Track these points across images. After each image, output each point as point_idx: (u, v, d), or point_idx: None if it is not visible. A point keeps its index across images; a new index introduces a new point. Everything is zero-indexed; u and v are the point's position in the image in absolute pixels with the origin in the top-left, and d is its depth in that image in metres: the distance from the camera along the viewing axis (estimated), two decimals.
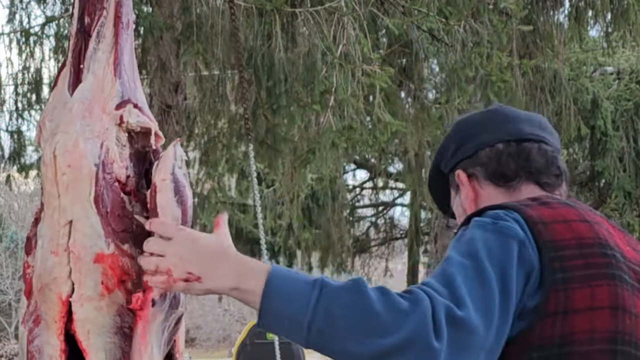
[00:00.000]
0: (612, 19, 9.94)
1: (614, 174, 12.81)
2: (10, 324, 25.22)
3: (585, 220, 1.71)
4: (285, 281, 1.56)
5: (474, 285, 1.55)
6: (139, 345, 1.68)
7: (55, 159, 1.70)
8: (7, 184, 8.75)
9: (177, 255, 1.63)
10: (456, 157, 1.91)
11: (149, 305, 1.68)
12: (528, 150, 1.85)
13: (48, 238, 1.73)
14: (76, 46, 1.80)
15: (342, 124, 6.76)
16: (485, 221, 1.65)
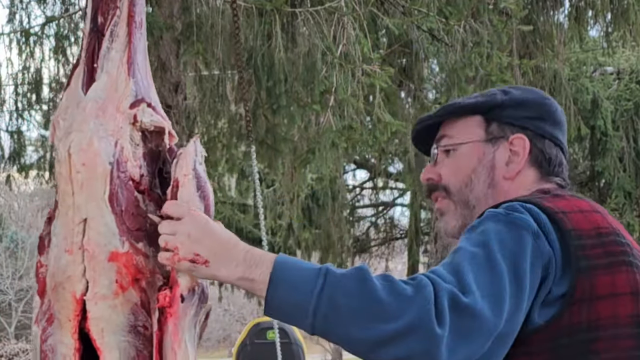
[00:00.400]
0: (612, 19, 9.94)
1: (614, 174, 12.81)
2: (10, 324, 25.22)
3: (597, 211, 1.74)
4: (291, 269, 1.58)
5: (483, 272, 1.56)
6: (172, 342, 1.68)
7: (70, 157, 1.71)
8: (7, 184, 8.75)
9: (185, 233, 1.64)
10: (528, 122, 1.83)
11: (178, 302, 1.68)
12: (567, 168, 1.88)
13: (62, 236, 1.73)
14: (89, 45, 1.80)
15: (342, 123, 6.77)
16: (499, 212, 1.65)
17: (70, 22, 7.86)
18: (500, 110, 1.84)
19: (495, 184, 1.82)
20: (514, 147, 1.82)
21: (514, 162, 1.81)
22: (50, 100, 8.31)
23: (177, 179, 1.72)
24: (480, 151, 1.83)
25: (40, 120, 8.66)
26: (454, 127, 1.87)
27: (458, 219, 1.85)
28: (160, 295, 1.69)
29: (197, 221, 1.66)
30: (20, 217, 26.74)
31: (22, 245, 25.25)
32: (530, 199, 1.70)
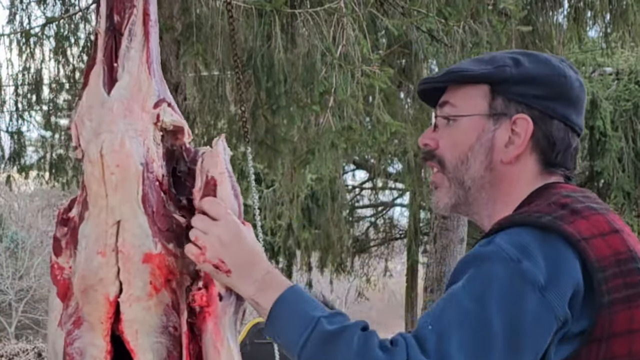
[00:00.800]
0: (611, 20, 9.95)
1: (613, 174, 12.82)
2: (11, 324, 25.21)
3: (616, 230, 1.63)
4: (289, 310, 1.60)
5: (471, 337, 1.50)
6: (214, 342, 1.68)
7: (103, 158, 1.70)
8: (7, 184, 8.76)
9: (217, 236, 1.64)
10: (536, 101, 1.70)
11: (216, 301, 1.69)
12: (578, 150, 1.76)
13: (93, 238, 1.72)
14: (107, 44, 1.79)
15: (341, 124, 6.78)
16: (510, 256, 1.54)
17: (71, 23, 7.87)
18: (508, 85, 1.70)
19: (493, 167, 1.71)
20: (515, 128, 1.69)
21: (514, 145, 1.69)
22: (50, 101, 8.33)
23: (213, 177, 1.71)
24: (480, 127, 1.71)
25: (40, 120, 8.68)
26: (458, 94, 1.74)
27: (451, 197, 1.75)
28: (197, 295, 1.69)
29: (230, 227, 1.66)
30: (20, 217, 26.71)
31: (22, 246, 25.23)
32: (551, 222, 1.58)
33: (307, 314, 1.58)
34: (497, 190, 1.72)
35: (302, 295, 1.62)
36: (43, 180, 8.87)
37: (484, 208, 1.75)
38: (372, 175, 16.14)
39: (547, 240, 1.57)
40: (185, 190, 1.80)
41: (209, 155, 1.74)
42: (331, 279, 16.58)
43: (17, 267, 25.22)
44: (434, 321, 1.52)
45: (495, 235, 1.60)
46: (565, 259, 1.56)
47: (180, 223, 1.74)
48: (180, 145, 1.83)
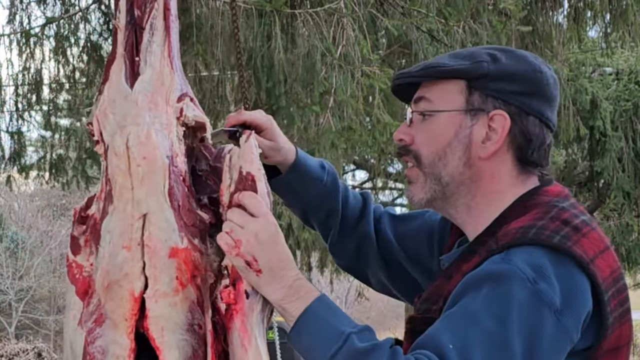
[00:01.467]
0: (611, 20, 9.95)
1: (613, 174, 12.82)
2: (11, 324, 25.21)
3: (607, 246, 1.66)
4: (318, 321, 1.59)
5: (493, 356, 1.51)
6: (242, 339, 1.65)
7: (129, 150, 1.68)
8: (8, 184, 8.76)
9: (254, 232, 1.61)
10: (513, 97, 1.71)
11: (243, 298, 1.66)
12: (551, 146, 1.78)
13: (118, 232, 1.69)
14: (128, 39, 1.78)
15: (341, 124, 6.78)
16: (527, 277, 1.54)
17: (71, 23, 7.87)
18: (486, 80, 1.71)
19: (472, 163, 1.71)
20: (492, 124, 1.70)
21: (491, 141, 1.70)
22: (50, 100, 8.33)
23: (250, 172, 1.68)
24: (457, 123, 1.71)
25: (40, 120, 8.68)
26: (434, 89, 1.75)
27: (427, 192, 1.75)
28: (224, 292, 1.67)
29: (269, 227, 1.63)
30: (21, 217, 26.72)
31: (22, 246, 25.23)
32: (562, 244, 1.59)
33: (336, 328, 1.56)
34: (477, 186, 1.73)
35: (331, 307, 1.61)
36: (43, 180, 8.87)
37: (462, 200, 1.75)
38: (372, 175, 16.14)
39: (560, 261, 1.58)
40: (205, 189, 1.78)
41: (243, 151, 1.71)
42: (331, 279, 16.58)
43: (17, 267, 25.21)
44: (454, 341, 1.51)
45: (508, 252, 1.59)
46: (577, 282, 1.57)
47: (204, 220, 1.72)
48: (200, 144, 1.81)
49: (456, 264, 1.72)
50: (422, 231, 1.99)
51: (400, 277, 2.01)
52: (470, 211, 1.75)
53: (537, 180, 1.76)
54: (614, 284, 1.63)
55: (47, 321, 25.48)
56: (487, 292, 1.54)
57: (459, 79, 1.72)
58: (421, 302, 1.76)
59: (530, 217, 1.66)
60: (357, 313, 27.12)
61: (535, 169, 1.75)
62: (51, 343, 23.19)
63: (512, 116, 1.70)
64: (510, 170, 1.73)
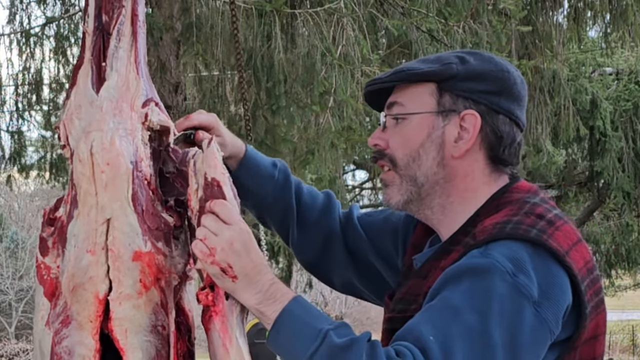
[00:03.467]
0: (611, 20, 9.96)
1: (613, 174, 12.82)
2: (11, 324, 25.21)
3: (580, 239, 1.70)
4: (295, 321, 1.59)
5: (474, 352, 1.52)
6: (222, 339, 1.67)
7: (93, 156, 1.69)
8: (8, 184, 8.77)
9: (229, 240, 1.62)
10: (482, 96, 1.75)
11: (222, 300, 1.67)
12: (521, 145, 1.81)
13: (83, 237, 1.71)
14: (95, 44, 1.79)
15: (341, 124, 6.78)
16: (507, 270, 1.57)
17: (71, 22, 7.88)
18: (455, 81, 1.74)
19: (445, 163, 1.74)
20: (464, 124, 1.73)
21: (464, 140, 1.73)
22: (50, 100, 8.33)
23: (214, 178, 1.69)
24: (429, 124, 1.75)
25: (40, 120, 8.68)
26: (406, 93, 1.78)
27: (403, 194, 1.77)
28: (201, 294, 1.68)
29: (242, 234, 1.63)
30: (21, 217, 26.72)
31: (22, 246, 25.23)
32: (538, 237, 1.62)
33: (314, 327, 1.57)
34: (451, 186, 1.76)
35: (307, 307, 1.62)
36: (43, 180, 8.88)
37: (437, 200, 1.77)
38: (372, 175, 16.13)
39: (537, 254, 1.61)
40: (173, 191, 1.80)
41: (206, 157, 1.72)
42: None
43: (17, 267, 25.21)
44: (435, 333, 1.53)
45: (487, 246, 1.62)
46: (555, 274, 1.61)
47: (168, 222, 1.74)
48: (166, 147, 1.82)
49: (430, 263, 1.74)
50: (388, 226, 2.01)
51: (369, 274, 2.02)
52: (445, 211, 1.78)
53: (507, 179, 1.79)
54: (588, 274, 1.66)
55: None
56: (467, 285, 1.57)
57: (429, 82, 1.76)
58: (395, 302, 1.78)
59: (504, 213, 1.69)
60: (357, 313, 27.12)
61: (506, 167, 1.78)
62: None
63: (482, 115, 1.74)
64: (483, 169, 1.76)
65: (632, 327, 28.23)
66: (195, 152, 1.77)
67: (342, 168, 13.54)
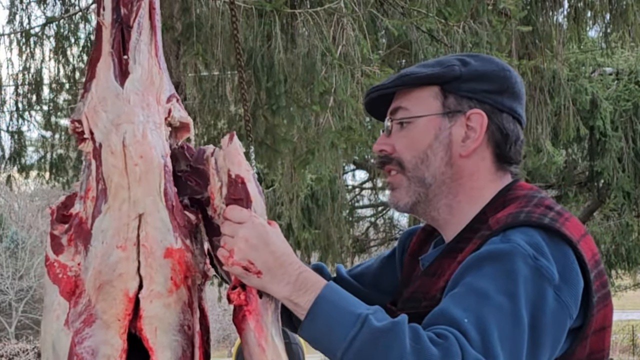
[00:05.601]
0: (611, 20, 9.96)
1: (613, 174, 12.82)
2: (11, 324, 25.21)
3: (586, 232, 1.72)
4: (332, 307, 1.57)
5: (508, 332, 1.52)
6: (258, 339, 1.63)
7: (125, 148, 1.65)
8: (8, 184, 8.76)
9: (243, 238, 1.61)
10: (486, 96, 1.77)
11: (256, 299, 1.64)
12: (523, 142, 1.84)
13: (112, 232, 1.66)
14: (115, 37, 1.76)
15: (341, 124, 6.78)
16: (528, 253, 1.58)
17: (71, 22, 7.88)
18: (458, 82, 1.77)
19: (453, 162, 1.76)
20: (470, 123, 1.76)
21: (470, 139, 1.76)
22: (50, 100, 8.33)
23: (239, 175, 1.67)
24: (436, 126, 1.77)
25: (40, 120, 8.68)
26: (409, 98, 1.80)
27: (411, 195, 1.79)
28: (233, 294, 1.65)
29: (257, 228, 1.62)
30: (21, 217, 26.73)
31: (22, 246, 25.24)
32: (552, 224, 1.64)
33: (351, 312, 1.55)
34: (458, 184, 1.77)
35: (341, 293, 1.60)
36: (43, 180, 8.88)
37: (444, 200, 1.78)
38: (372, 175, 16.14)
39: (552, 241, 1.62)
40: (186, 190, 1.77)
41: (229, 153, 1.69)
42: None
43: (17, 267, 25.22)
44: (468, 315, 1.52)
45: (506, 233, 1.63)
46: (570, 260, 1.62)
47: (191, 220, 1.72)
48: (179, 145, 1.80)
49: (439, 261, 1.75)
50: (387, 261, 2.03)
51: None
52: (452, 210, 1.78)
53: (510, 178, 1.82)
54: (595, 266, 1.67)
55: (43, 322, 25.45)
56: (490, 270, 1.57)
57: (433, 85, 1.78)
58: (404, 302, 1.78)
59: (514, 207, 1.71)
60: None
61: (511, 166, 1.81)
62: None
63: (488, 114, 1.76)
64: (490, 167, 1.78)
65: (632, 327, 28.22)
66: (213, 150, 1.75)
67: (342, 168, 13.54)
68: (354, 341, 1.52)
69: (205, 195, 1.76)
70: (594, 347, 1.66)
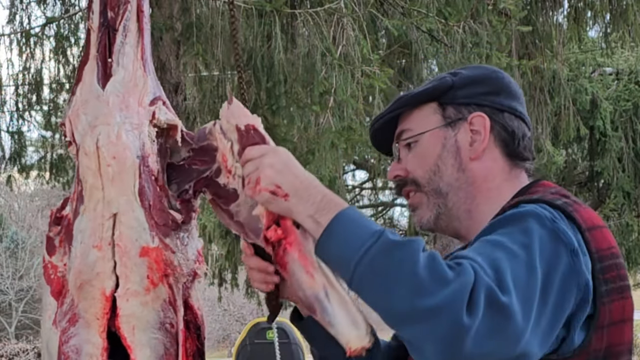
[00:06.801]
0: (611, 20, 9.96)
1: (613, 174, 12.82)
2: (11, 324, 25.22)
3: (604, 225, 1.71)
4: (350, 223, 1.57)
5: (521, 275, 1.51)
6: (305, 267, 1.62)
7: (99, 150, 1.68)
8: (8, 184, 8.77)
9: (268, 164, 1.64)
10: (483, 98, 1.80)
11: (293, 229, 1.64)
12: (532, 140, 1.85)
13: (89, 232, 1.69)
14: (101, 40, 1.78)
15: (341, 124, 6.78)
16: (546, 215, 1.59)
17: (71, 22, 7.88)
18: (453, 91, 1.80)
19: (464, 167, 1.78)
20: (474, 127, 1.78)
21: (477, 141, 1.78)
22: (50, 100, 8.33)
23: (247, 124, 1.71)
24: (441, 137, 1.80)
25: (40, 120, 8.68)
26: (411, 119, 1.84)
27: (432, 209, 1.81)
28: (269, 232, 1.65)
29: (280, 155, 1.66)
30: (21, 217, 26.73)
31: (22, 246, 25.24)
32: (565, 206, 1.65)
33: (369, 228, 1.55)
34: (474, 188, 1.79)
35: (362, 214, 1.61)
36: (43, 180, 8.88)
37: (463, 207, 1.79)
38: (372, 175, 16.14)
39: (564, 220, 1.63)
40: (191, 175, 1.78)
41: (233, 110, 1.73)
42: None
43: (17, 267, 25.22)
44: (482, 257, 1.51)
45: (519, 205, 1.65)
46: (580, 240, 1.62)
47: (176, 219, 1.73)
48: (175, 138, 1.81)
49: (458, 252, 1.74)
50: None
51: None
52: (472, 215, 1.79)
53: (527, 177, 1.83)
54: (612, 257, 1.66)
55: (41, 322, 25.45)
56: (506, 229, 1.58)
57: (430, 102, 1.82)
58: None
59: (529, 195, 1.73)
60: None
61: (524, 162, 1.82)
62: None
63: (488, 115, 1.79)
64: (503, 166, 1.80)
65: None
66: (214, 122, 1.78)
67: (342, 168, 13.54)
68: (368, 252, 1.51)
69: (213, 168, 1.78)
70: (613, 339, 1.64)
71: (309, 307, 1.65)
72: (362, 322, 1.62)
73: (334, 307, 1.62)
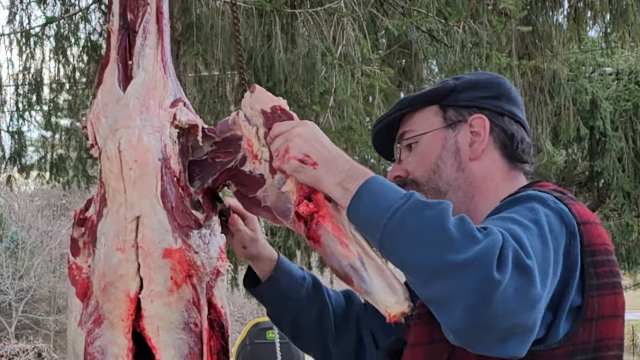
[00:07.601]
0: (611, 20, 9.95)
1: (613, 174, 12.81)
2: (11, 324, 25.21)
3: (599, 222, 1.74)
4: (380, 186, 1.60)
5: (537, 247, 1.53)
6: (339, 238, 1.64)
7: (121, 153, 1.69)
8: (8, 184, 8.76)
9: (298, 135, 1.69)
10: (484, 102, 1.84)
11: (325, 203, 1.67)
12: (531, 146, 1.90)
13: (112, 235, 1.70)
14: (121, 43, 1.79)
15: (341, 124, 6.78)
16: (548, 197, 1.63)
17: (71, 23, 7.87)
18: (455, 94, 1.84)
19: (463, 167, 1.81)
20: (474, 128, 1.82)
21: (477, 142, 1.81)
22: (50, 101, 8.33)
23: (273, 105, 1.76)
24: (441, 138, 1.83)
25: (40, 120, 8.68)
26: (412, 121, 1.87)
27: None
28: (300, 207, 1.67)
29: (308, 127, 1.71)
30: (21, 217, 26.72)
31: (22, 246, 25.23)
32: (562, 198, 1.69)
33: (399, 192, 1.58)
34: (473, 187, 1.81)
35: (389, 182, 1.64)
36: (43, 180, 8.88)
37: (462, 206, 1.80)
38: None
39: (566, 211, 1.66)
40: (215, 168, 1.79)
41: (257, 96, 1.75)
42: (331, 279, 16.56)
43: (17, 267, 25.21)
44: (499, 227, 1.52)
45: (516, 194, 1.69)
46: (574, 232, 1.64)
47: (198, 219, 1.74)
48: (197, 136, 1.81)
49: None
50: None
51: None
52: (470, 214, 1.80)
53: (525, 179, 1.86)
54: (605, 254, 1.68)
55: (47, 321, 25.49)
56: (513, 208, 1.61)
57: (432, 105, 1.85)
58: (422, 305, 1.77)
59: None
60: None
61: (523, 164, 1.85)
62: (51, 343, 23.20)
63: (489, 117, 1.83)
64: (502, 167, 1.82)
65: (632, 327, 28.22)
66: (237, 112, 1.80)
67: None
68: (398, 211, 1.52)
69: (238, 157, 1.79)
70: (605, 333, 1.67)
71: (344, 277, 1.66)
72: (400, 288, 1.62)
73: (371, 275, 1.63)
